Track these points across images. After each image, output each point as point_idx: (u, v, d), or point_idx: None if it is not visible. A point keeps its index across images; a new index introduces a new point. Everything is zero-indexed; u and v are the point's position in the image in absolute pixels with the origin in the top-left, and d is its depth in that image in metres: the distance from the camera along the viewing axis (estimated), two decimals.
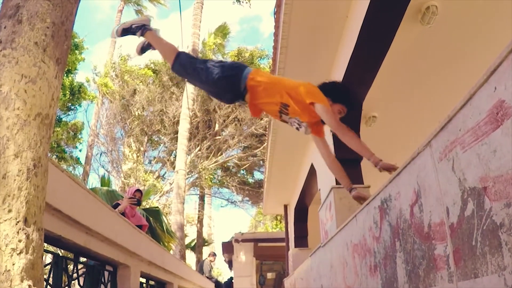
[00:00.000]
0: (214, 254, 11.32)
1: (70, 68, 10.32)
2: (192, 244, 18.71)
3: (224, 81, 2.49)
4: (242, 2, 13.98)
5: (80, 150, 16.46)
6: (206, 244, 20.13)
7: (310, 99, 2.39)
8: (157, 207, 9.46)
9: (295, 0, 3.68)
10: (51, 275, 1.98)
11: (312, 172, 6.05)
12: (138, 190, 4.71)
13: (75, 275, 2.30)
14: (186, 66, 2.63)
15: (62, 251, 2.40)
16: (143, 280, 3.80)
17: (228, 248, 14.14)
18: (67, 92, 10.57)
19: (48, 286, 1.93)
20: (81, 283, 2.42)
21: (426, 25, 3.79)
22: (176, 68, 2.68)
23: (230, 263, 15.63)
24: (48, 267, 2.02)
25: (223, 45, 18.14)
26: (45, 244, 1.53)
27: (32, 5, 1.41)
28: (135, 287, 3.04)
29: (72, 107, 11.56)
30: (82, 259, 2.51)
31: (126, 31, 2.85)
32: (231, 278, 13.33)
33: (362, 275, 2.30)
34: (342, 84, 2.64)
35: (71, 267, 2.29)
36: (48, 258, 2.02)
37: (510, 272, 0.95)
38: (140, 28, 2.80)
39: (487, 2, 3.75)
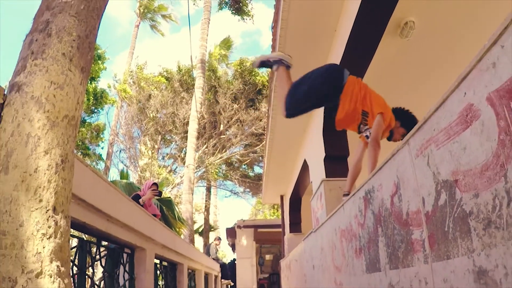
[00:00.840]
0: (219, 239, 11.32)
1: (93, 76, 10.29)
2: (200, 230, 18.74)
3: (326, 85, 2.42)
4: (245, 19, 13.97)
5: (102, 148, 16.49)
6: (212, 229, 20.14)
7: (379, 109, 2.36)
8: (170, 197, 9.46)
9: (290, 16, 3.68)
10: (77, 257, 1.99)
11: (305, 167, 6.04)
12: (154, 183, 4.68)
13: (97, 256, 2.31)
14: (293, 94, 2.48)
15: (86, 235, 2.39)
16: (157, 261, 3.80)
17: (231, 233, 14.15)
18: (90, 97, 10.56)
19: (74, 266, 1.93)
20: (103, 264, 2.43)
21: (405, 38, 3.79)
22: (287, 106, 2.49)
23: (233, 247, 15.64)
24: (74, 250, 2.03)
25: (227, 56, 18.12)
26: (72, 230, 1.53)
27: (60, 20, 1.41)
28: (150, 268, 3.04)
29: (95, 110, 11.53)
30: (104, 243, 2.51)
31: (263, 63, 2.71)
32: (234, 259, 13.34)
33: (348, 257, 2.30)
34: (413, 115, 2.58)
35: (94, 249, 2.30)
36: (74, 242, 2.02)
37: (478, 254, 0.95)
38: (277, 62, 2.66)
39: (459, 19, 3.74)
